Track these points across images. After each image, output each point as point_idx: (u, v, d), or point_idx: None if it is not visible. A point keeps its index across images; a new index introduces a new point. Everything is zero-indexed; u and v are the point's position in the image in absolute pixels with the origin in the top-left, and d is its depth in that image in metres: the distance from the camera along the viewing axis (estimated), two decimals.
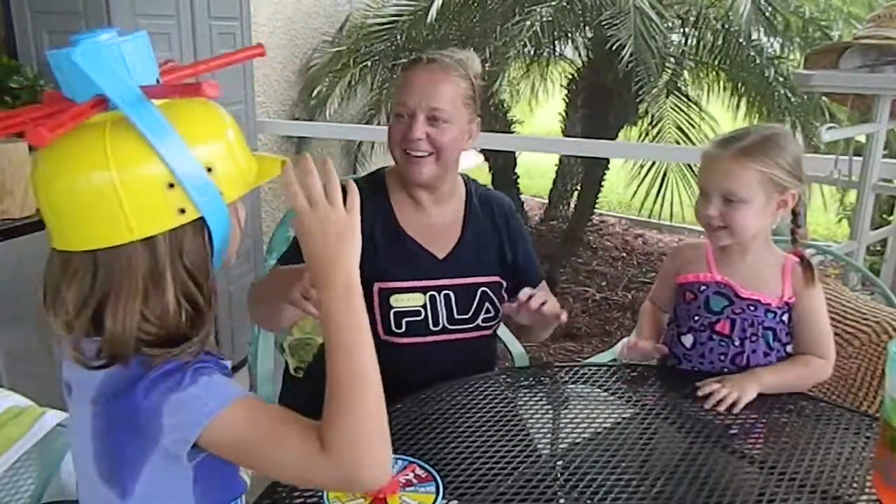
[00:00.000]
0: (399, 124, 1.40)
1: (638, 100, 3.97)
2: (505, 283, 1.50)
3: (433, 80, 1.37)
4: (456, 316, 1.44)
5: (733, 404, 1.26)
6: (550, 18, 3.82)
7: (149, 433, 0.77)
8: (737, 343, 1.37)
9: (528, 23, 3.78)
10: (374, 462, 0.77)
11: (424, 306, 1.42)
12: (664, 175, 4.17)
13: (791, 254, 1.41)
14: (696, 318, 1.40)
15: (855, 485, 1.09)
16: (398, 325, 1.40)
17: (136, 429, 0.78)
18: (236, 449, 0.79)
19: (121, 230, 0.75)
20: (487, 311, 1.46)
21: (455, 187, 1.50)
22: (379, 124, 4.29)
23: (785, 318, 1.38)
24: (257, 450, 0.78)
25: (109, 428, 0.81)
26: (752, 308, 1.36)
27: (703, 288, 1.40)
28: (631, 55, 3.65)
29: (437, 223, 1.47)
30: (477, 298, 1.45)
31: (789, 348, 1.39)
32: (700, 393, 1.29)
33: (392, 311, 1.40)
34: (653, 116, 4.20)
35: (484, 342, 1.51)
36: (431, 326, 1.42)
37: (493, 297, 1.47)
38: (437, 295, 1.43)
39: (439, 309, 1.42)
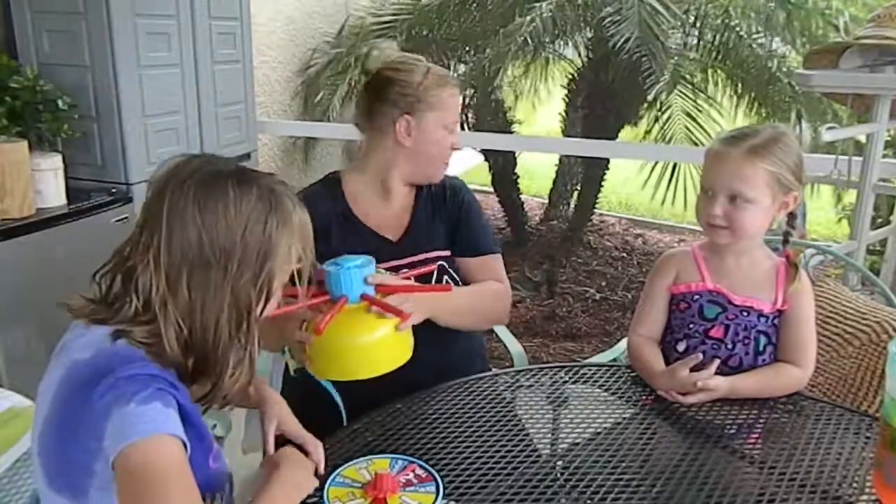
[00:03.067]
0: (448, 135, 1.56)
1: (643, 94, 3.95)
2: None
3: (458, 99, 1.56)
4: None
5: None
6: (551, 14, 3.81)
7: (95, 433, 0.80)
8: (729, 346, 1.36)
9: (529, 18, 3.78)
10: None
11: None
12: (674, 170, 4.13)
13: (782, 255, 1.40)
14: (691, 325, 1.39)
15: (855, 485, 1.09)
16: None
17: (86, 426, 0.81)
18: (132, 479, 0.79)
19: None
20: (447, 283, 1.52)
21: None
22: None
23: (777, 322, 1.37)
24: (145, 488, 0.78)
25: (63, 420, 0.83)
26: (745, 314, 1.36)
27: (696, 297, 1.38)
28: (637, 47, 3.63)
29: (388, 212, 1.55)
30: (436, 271, 1.50)
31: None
32: (700, 383, 1.28)
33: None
34: (662, 105, 4.17)
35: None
36: None
37: (450, 269, 1.53)
38: (395, 274, 1.47)
39: None
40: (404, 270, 1.51)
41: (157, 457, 0.79)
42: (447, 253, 1.55)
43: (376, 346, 1.18)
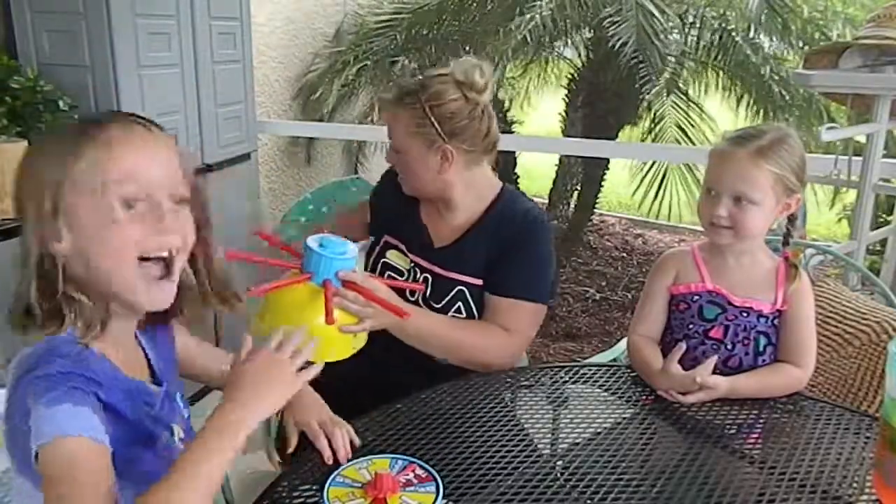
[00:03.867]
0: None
1: (640, 97, 3.96)
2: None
3: (389, 116, 1.50)
4: (428, 298, 1.49)
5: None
6: (551, 13, 3.81)
7: (24, 426, 0.80)
8: (729, 346, 1.36)
9: (528, 17, 3.78)
10: None
11: (407, 273, 1.54)
12: (664, 174, 4.16)
13: (782, 255, 1.40)
14: (691, 326, 1.39)
15: (855, 485, 1.09)
16: (382, 275, 1.55)
17: (19, 417, 0.82)
18: (47, 480, 0.78)
19: None
20: (458, 311, 1.48)
21: (470, 202, 1.52)
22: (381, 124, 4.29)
23: (777, 322, 1.37)
24: (55, 489, 0.78)
25: (9, 410, 0.85)
26: (744, 314, 1.36)
27: (695, 298, 1.39)
28: (634, 52, 3.64)
29: (448, 222, 1.54)
30: (452, 293, 1.48)
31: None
32: (699, 379, 1.27)
33: (382, 261, 1.58)
34: (655, 114, 4.19)
35: None
36: (408, 295, 1.47)
37: (470, 299, 1.48)
38: (418, 272, 1.52)
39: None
40: (401, 278, 1.54)
41: (56, 458, 0.78)
42: (477, 282, 1.48)
43: (308, 332, 1.09)
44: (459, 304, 1.48)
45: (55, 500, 0.77)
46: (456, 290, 1.48)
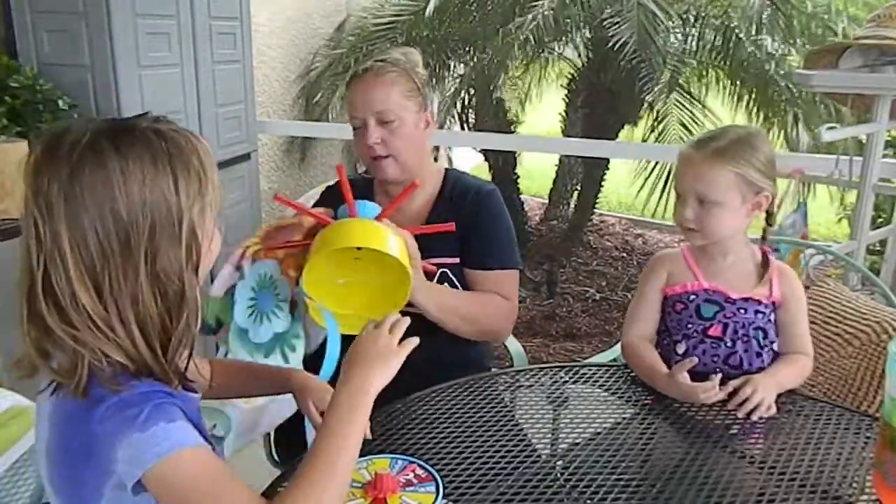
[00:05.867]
0: (357, 135, 1.52)
1: (641, 95, 3.96)
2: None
3: (373, 86, 1.47)
4: None
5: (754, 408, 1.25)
6: (552, 13, 3.82)
7: (104, 460, 0.77)
8: (729, 344, 1.36)
9: (530, 17, 3.78)
10: None
11: None
12: (668, 174, 4.16)
13: (758, 248, 1.42)
14: (689, 325, 1.39)
15: (855, 485, 1.09)
16: None
17: (91, 455, 0.78)
18: (173, 497, 0.77)
19: None
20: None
21: (428, 178, 1.56)
22: None
23: (772, 317, 1.38)
24: (194, 501, 0.77)
25: (66, 450, 0.81)
26: (742, 311, 1.36)
27: (692, 297, 1.39)
28: (634, 51, 3.64)
29: (405, 211, 1.52)
30: (436, 278, 1.50)
31: (776, 346, 1.39)
32: (735, 401, 1.25)
33: None
34: (658, 113, 4.20)
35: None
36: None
37: (454, 278, 1.53)
38: None
39: None
40: None
41: (181, 468, 0.76)
42: (454, 261, 1.52)
43: (381, 229, 1.26)
44: (446, 284, 1.52)
45: (202, 502, 0.77)
46: (439, 273, 1.51)
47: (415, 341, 0.99)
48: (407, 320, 1.01)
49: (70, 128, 0.81)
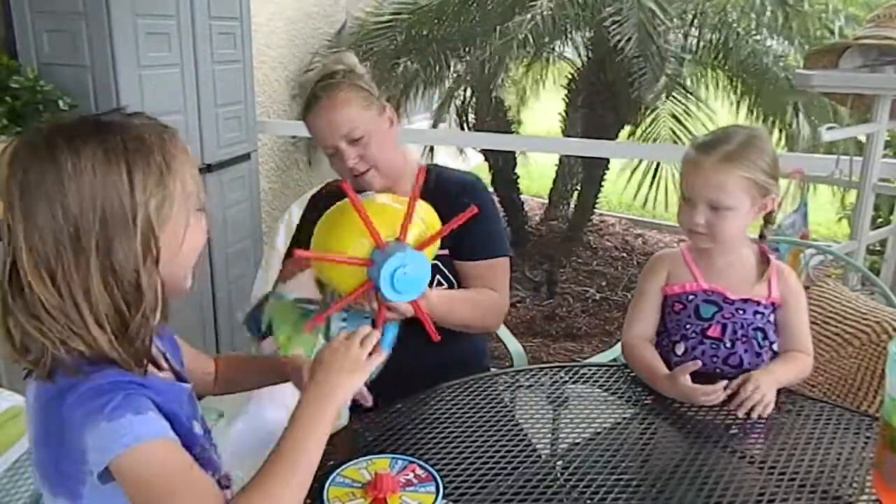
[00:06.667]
0: (334, 159, 1.50)
1: (638, 94, 3.96)
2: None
3: (330, 111, 1.45)
4: None
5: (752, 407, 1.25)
6: (551, 12, 3.81)
7: (76, 446, 0.78)
8: (728, 345, 1.36)
9: (529, 16, 3.78)
10: None
11: None
12: (655, 172, 4.15)
13: (757, 247, 1.42)
14: (688, 326, 1.39)
15: (855, 485, 1.09)
16: None
17: (64, 439, 0.79)
18: (135, 489, 0.78)
19: None
20: (440, 283, 1.52)
21: (409, 176, 1.54)
22: None
23: (772, 317, 1.38)
24: (153, 495, 0.78)
25: (46, 433, 0.83)
26: (741, 312, 1.36)
27: (690, 297, 1.39)
28: (634, 51, 3.63)
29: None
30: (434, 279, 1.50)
31: (776, 346, 1.40)
32: (736, 401, 1.26)
33: None
34: (656, 113, 4.20)
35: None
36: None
37: (446, 270, 1.53)
38: None
39: None
40: None
41: (142, 460, 0.77)
42: (444, 253, 1.52)
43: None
44: (438, 276, 1.52)
45: (160, 497, 0.77)
46: (431, 266, 1.49)
47: (382, 356, 1.00)
48: (376, 334, 1.01)
49: (41, 126, 0.83)
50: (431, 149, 4.71)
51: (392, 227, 1.12)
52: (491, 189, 5.83)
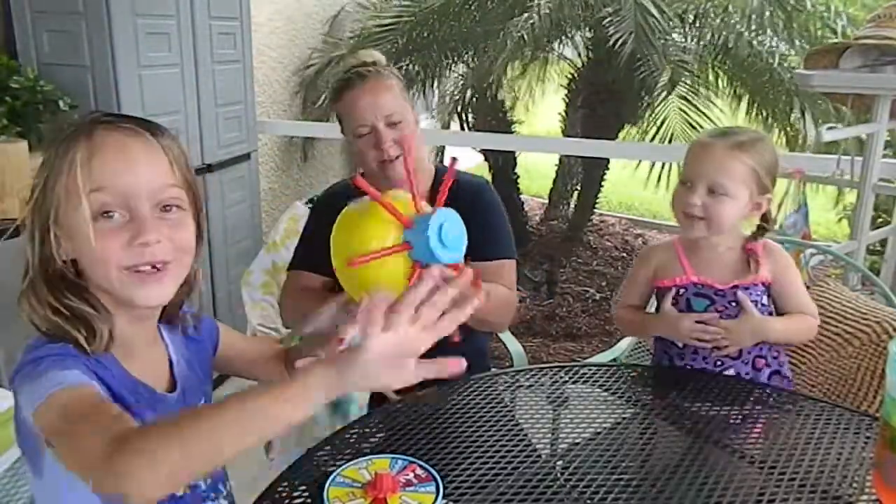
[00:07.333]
0: (365, 141, 1.48)
1: (641, 96, 3.96)
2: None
3: (377, 91, 1.47)
4: None
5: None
6: (549, 12, 3.81)
7: (23, 417, 0.81)
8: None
9: (526, 15, 3.78)
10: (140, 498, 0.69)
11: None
12: (669, 174, 4.15)
13: (748, 245, 1.43)
14: None
15: (855, 485, 1.09)
16: None
17: (18, 416, 0.84)
18: (51, 433, 0.77)
19: None
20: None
21: (424, 177, 1.56)
22: None
23: (765, 299, 1.40)
24: (63, 434, 0.76)
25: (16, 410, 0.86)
26: (733, 304, 1.39)
27: (681, 291, 1.42)
28: (638, 59, 3.64)
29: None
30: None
31: None
32: (707, 335, 1.35)
33: None
34: (659, 113, 4.19)
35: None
36: None
37: None
38: None
39: None
40: None
41: (53, 405, 0.76)
42: None
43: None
44: None
45: (71, 439, 0.74)
46: None
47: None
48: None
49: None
50: (442, 149, 4.73)
51: (407, 210, 1.08)
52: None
